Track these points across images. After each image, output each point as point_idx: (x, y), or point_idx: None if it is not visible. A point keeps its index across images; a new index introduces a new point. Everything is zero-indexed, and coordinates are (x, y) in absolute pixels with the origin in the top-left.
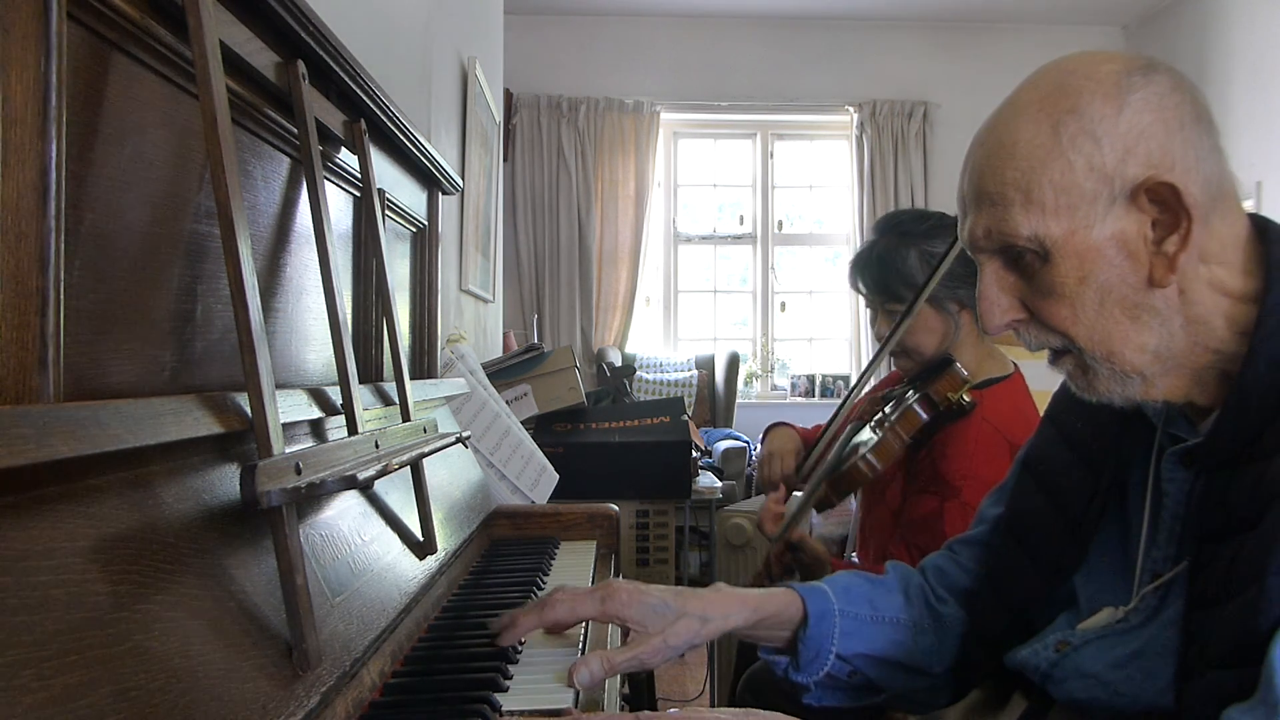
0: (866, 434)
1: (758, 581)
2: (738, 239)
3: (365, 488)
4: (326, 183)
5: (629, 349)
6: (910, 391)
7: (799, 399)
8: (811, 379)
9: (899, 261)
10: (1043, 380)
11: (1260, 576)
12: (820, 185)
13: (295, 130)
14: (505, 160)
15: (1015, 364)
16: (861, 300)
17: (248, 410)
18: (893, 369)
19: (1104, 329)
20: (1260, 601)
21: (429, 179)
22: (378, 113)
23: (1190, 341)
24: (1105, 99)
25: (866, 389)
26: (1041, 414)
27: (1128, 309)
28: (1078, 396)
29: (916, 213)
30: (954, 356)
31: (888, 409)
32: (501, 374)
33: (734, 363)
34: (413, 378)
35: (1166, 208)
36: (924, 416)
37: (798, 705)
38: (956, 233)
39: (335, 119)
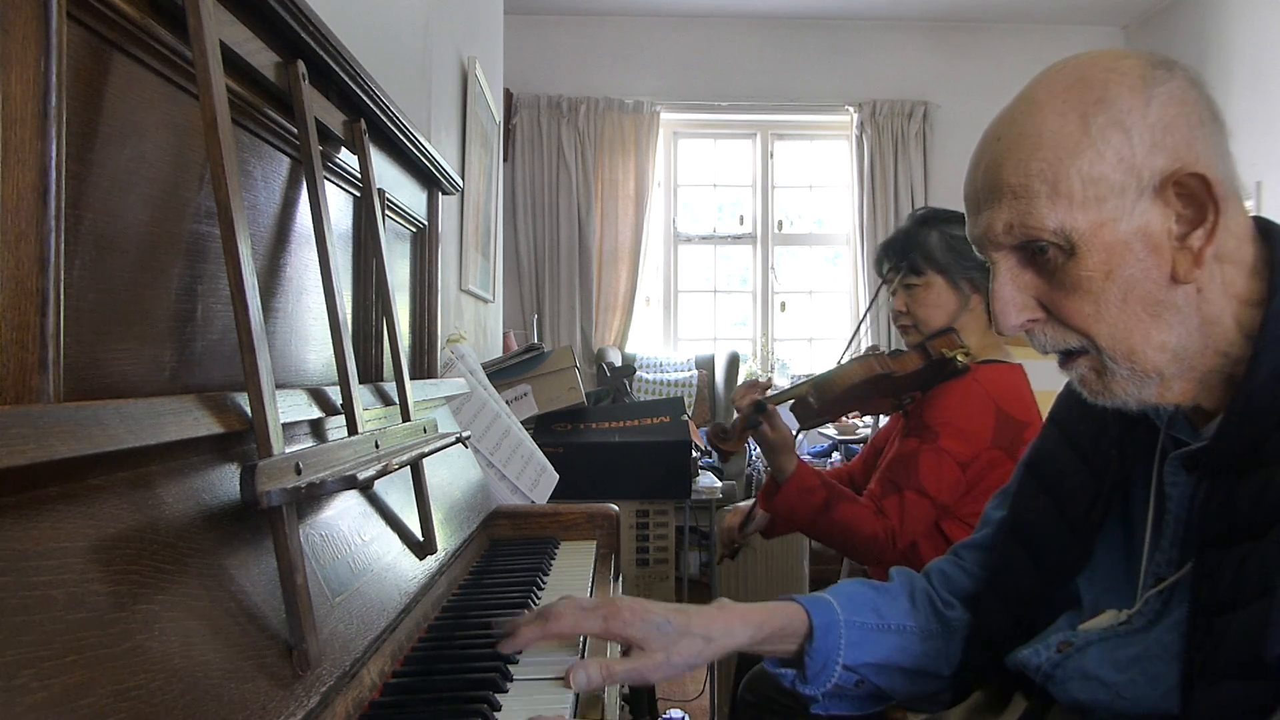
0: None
1: (714, 440)
2: (738, 239)
3: (365, 488)
4: (326, 183)
5: (629, 349)
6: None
7: None
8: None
9: (922, 238)
10: (1048, 380)
11: (1270, 590)
12: (820, 185)
13: (295, 130)
14: (505, 160)
15: (1020, 363)
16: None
17: (248, 410)
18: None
19: (1126, 326)
20: (1271, 616)
21: (429, 179)
22: (378, 113)
23: (1203, 343)
24: (1133, 91)
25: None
26: (1044, 415)
27: (1149, 306)
28: (1082, 398)
29: (948, 210)
30: (956, 329)
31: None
32: (501, 374)
33: (734, 363)
34: (413, 378)
35: (1192, 201)
36: (918, 360)
37: (801, 708)
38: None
39: (335, 119)
